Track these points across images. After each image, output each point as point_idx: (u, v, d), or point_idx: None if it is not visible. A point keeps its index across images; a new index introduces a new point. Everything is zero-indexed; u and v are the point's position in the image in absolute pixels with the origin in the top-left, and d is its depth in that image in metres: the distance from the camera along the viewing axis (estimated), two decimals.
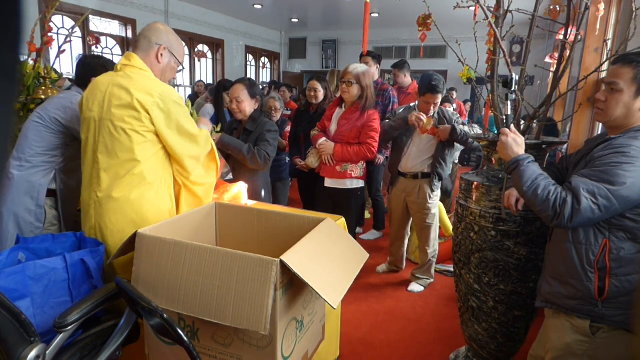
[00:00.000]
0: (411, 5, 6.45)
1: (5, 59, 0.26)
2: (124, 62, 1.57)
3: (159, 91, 1.51)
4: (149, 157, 1.53)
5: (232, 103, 2.41)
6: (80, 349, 1.30)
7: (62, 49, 2.61)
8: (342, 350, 2.06)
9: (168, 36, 1.65)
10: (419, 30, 2.56)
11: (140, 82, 1.51)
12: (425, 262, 3.00)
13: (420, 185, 2.80)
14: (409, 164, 2.81)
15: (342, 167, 2.71)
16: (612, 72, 1.35)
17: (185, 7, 7.42)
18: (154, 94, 1.49)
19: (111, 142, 1.50)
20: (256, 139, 2.39)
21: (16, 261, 1.37)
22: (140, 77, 1.53)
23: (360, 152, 2.64)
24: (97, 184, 1.54)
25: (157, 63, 1.63)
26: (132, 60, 1.57)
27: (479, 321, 1.94)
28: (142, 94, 1.48)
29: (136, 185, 1.53)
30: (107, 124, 1.50)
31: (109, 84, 1.53)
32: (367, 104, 2.63)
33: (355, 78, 2.60)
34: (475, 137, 2.10)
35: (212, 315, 1.13)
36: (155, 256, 1.23)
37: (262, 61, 10.45)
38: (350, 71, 2.62)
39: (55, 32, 3.42)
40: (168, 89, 1.56)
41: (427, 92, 2.61)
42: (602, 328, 1.34)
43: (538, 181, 1.34)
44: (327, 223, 1.45)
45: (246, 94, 2.39)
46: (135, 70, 1.55)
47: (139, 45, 1.61)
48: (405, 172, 2.83)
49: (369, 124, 2.63)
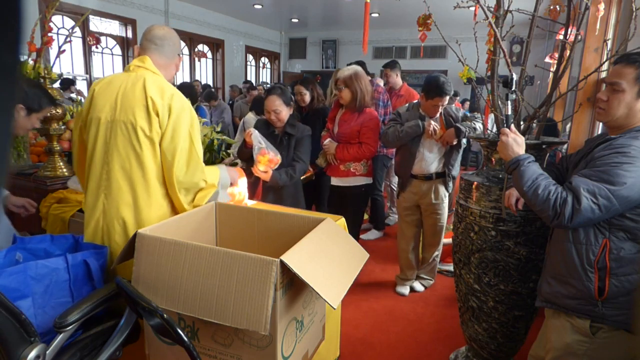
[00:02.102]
0: (411, 5, 6.44)
1: (5, 59, 0.26)
2: (138, 63, 1.56)
3: (170, 94, 1.51)
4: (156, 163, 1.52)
5: (270, 114, 2.40)
6: (80, 349, 1.30)
7: (62, 49, 2.61)
8: (342, 350, 2.06)
9: (180, 46, 1.72)
10: (419, 30, 2.56)
11: (153, 84, 1.51)
12: (429, 262, 2.97)
13: (435, 185, 2.75)
14: (422, 166, 2.73)
15: (346, 166, 2.84)
16: (614, 71, 1.35)
17: (185, 7, 7.42)
18: (165, 97, 1.49)
19: (123, 144, 1.48)
20: (296, 143, 2.46)
21: (13, 261, 1.36)
22: (153, 79, 1.53)
23: (359, 152, 2.75)
24: (106, 187, 1.51)
25: (175, 70, 1.69)
26: (145, 62, 1.56)
27: (479, 321, 1.94)
28: (155, 95, 1.48)
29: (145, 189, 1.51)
30: (120, 125, 1.48)
31: (123, 83, 1.52)
32: (359, 104, 2.75)
33: (344, 82, 2.75)
34: (475, 137, 2.10)
35: (212, 315, 1.13)
36: (155, 256, 1.23)
37: (262, 61, 10.45)
38: (339, 77, 2.79)
39: (55, 32, 3.42)
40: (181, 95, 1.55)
41: (436, 96, 2.55)
42: (602, 328, 1.34)
43: (538, 181, 1.34)
44: (327, 223, 1.45)
45: (282, 103, 2.39)
46: (149, 73, 1.55)
47: (164, 52, 1.62)
48: (419, 174, 2.76)
49: (367, 124, 2.74)
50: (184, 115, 1.51)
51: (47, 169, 2.48)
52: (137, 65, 1.56)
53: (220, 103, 6.33)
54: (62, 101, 2.58)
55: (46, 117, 2.46)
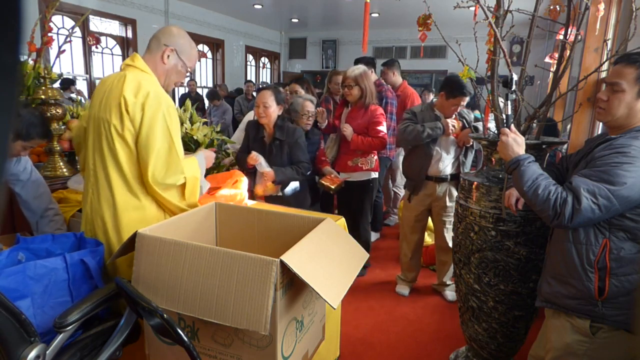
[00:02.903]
0: (411, 5, 6.44)
1: (5, 59, 0.26)
2: (128, 62, 1.57)
3: (145, 93, 1.46)
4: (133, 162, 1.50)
5: (258, 108, 2.46)
6: (80, 349, 1.30)
7: (62, 49, 2.61)
8: (342, 350, 2.06)
9: (178, 39, 1.62)
10: (419, 30, 2.55)
11: (132, 82, 1.48)
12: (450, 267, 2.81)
13: (449, 187, 2.72)
14: (440, 167, 2.70)
15: (353, 162, 2.97)
16: (615, 71, 1.35)
17: (185, 7, 7.41)
18: (139, 95, 1.45)
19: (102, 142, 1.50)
20: (290, 147, 2.48)
21: (16, 261, 1.37)
22: (135, 77, 1.50)
23: (373, 142, 2.90)
24: (94, 183, 1.54)
25: (162, 64, 1.60)
26: (135, 60, 1.56)
27: (479, 321, 1.94)
28: (129, 93, 1.45)
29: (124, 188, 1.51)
30: (100, 122, 1.50)
31: (111, 82, 1.53)
32: (367, 100, 2.92)
33: (354, 81, 2.91)
34: (475, 138, 2.10)
35: (212, 315, 1.13)
36: (155, 256, 1.23)
37: (262, 61, 10.44)
38: (349, 75, 2.94)
39: (55, 32, 3.42)
40: (159, 94, 1.50)
41: (459, 95, 2.54)
42: (602, 328, 1.34)
43: (538, 181, 1.34)
44: (327, 223, 1.45)
45: (273, 100, 2.45)
46: (136, 71, 1.53)
47: (149, 46, 1.61)
48: (435, 175, 2.71)
49: (374, 119, 2.90)
50: (159, 115, 1.47)
51: (47, 169, 2.48)
52: (127, 64, 1.56)
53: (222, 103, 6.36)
54: (62, 101, 2.58)
55: (46, 117, 2.46)
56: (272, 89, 2.51)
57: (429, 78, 9.24)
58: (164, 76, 1.62)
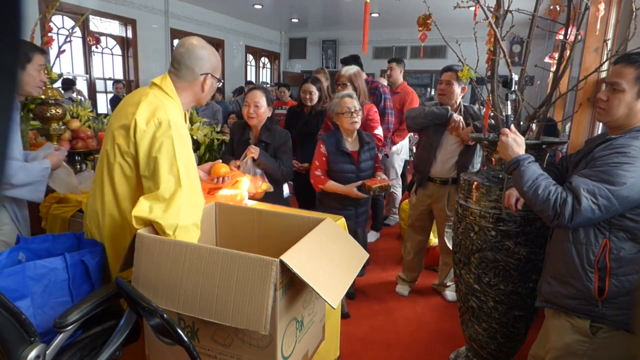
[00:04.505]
0: (411, 5, 6.44)
1: (5, 59, 0.26)
2: (157, 81, 1.49)
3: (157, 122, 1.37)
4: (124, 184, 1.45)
5: (249, 107, 2.39)
6: (80, 349, 1.30)
7: (62, 49, 2.61)
8: (342, 350, 2.06)
9: (207, 62, 1.52)
10: (419, 30, 2.55)
11: (148, 107, 1.40)
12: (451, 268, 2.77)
13: (450, 192, 2.68)
14: (438, 168, 2.69)
15: None
16: (615, 71, 1.35)
17: (185, 7, 7.41)
18: (150, 123, 1.37)
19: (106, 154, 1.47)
20: (276, 150, 2.44)
21: (16, 261, 1.36)
22: (153, 101, 1.42)
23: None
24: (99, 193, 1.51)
25: (202, 92, 1.54)
26: (163, 82, 1.48)
27: (479, 321, 1.94)
28: (141, 118, 1.37)
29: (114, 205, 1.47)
30: (110, 136, 1.47)
31: (134, 97, 1.48)
32: (361, 99, 2.89)
33: (348, 80, 2.95)
34: (475, 138, 2.10)
35: (212, 315, 1.13)
36: (155, 256, 1.23)
37: (262, 61, 10.44)
38: (343, 74, 2.98)
39: (55, 32, 3.42)
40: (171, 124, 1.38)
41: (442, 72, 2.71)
42: (602, 328, 1.34)
43: (538, 181, 1.34)
44: (327, 223, 1.45)
45: (265, 100, 2.41)
46: (160, 93, 1.46)
47: (182, 75, 1.50)
48: (435, 177, 2.71)
49: (370, 117, 2.93)
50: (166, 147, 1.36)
51: None
52: (154, 83, 1.49)
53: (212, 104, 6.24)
54: (62, 101, 2.58)
55: (46, 117, 2.46)
56: (262, 89, 2.47)
57: (429, 78, 9.24)
58: (204, 99, 1.58)
